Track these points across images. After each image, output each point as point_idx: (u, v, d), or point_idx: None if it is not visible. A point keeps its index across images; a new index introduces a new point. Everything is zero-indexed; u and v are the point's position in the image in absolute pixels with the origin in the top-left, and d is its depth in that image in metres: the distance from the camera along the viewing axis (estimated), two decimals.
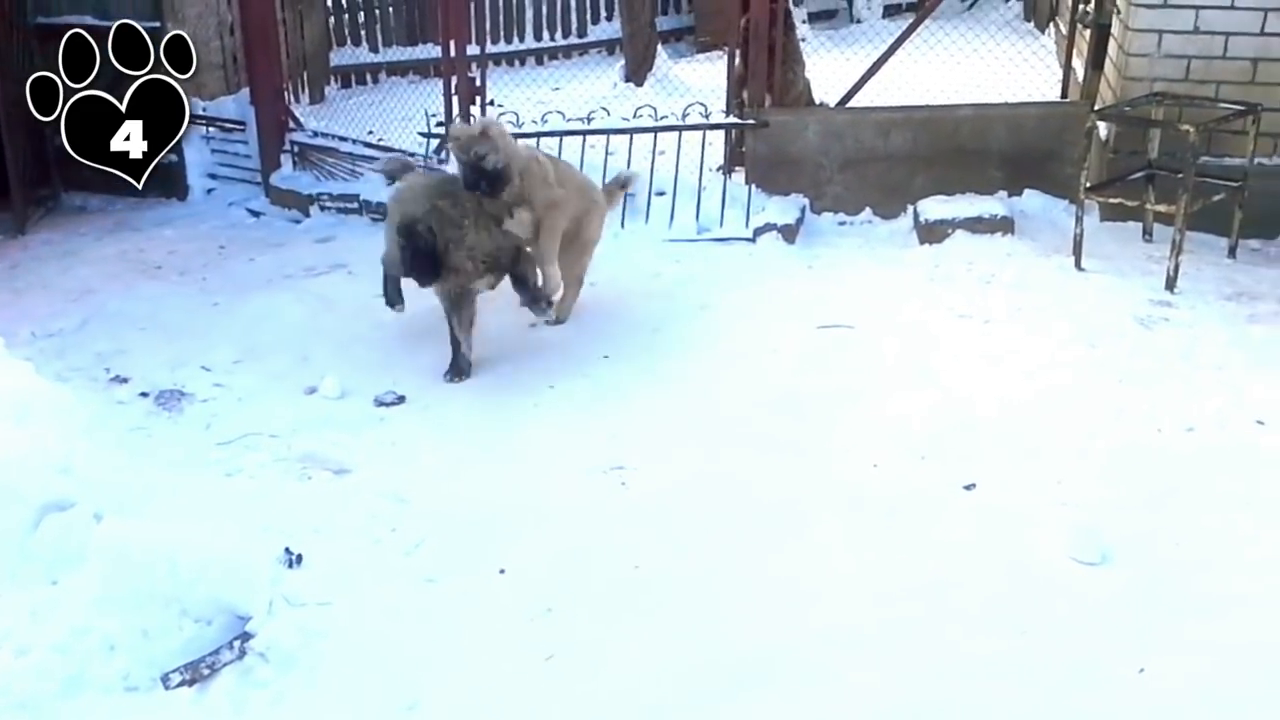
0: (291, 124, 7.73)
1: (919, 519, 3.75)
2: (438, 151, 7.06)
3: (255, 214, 7.55)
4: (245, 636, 3.17)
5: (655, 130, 6.80)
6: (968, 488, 3.92)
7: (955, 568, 3.49)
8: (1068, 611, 3.28)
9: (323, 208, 7.32)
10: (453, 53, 7.05)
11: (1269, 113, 5.82)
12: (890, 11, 12.49)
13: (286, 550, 3.55)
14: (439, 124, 7.10)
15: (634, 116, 6.92)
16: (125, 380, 5.01)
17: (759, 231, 6.40)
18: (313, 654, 3.19)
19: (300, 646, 3.20)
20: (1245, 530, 3.62)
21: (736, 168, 6.94)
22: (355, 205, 7.20)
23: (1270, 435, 4.16)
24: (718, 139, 6.96)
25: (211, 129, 7.94)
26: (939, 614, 3.28)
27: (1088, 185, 5.83)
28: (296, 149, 7.61)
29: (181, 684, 3.05)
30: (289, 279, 6.19)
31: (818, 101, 7.35)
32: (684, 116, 6.82)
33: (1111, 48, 6.51)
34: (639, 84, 10.17)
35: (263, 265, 6.49)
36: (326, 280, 6.16)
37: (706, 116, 6.80)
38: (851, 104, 6.91)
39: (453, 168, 5.27)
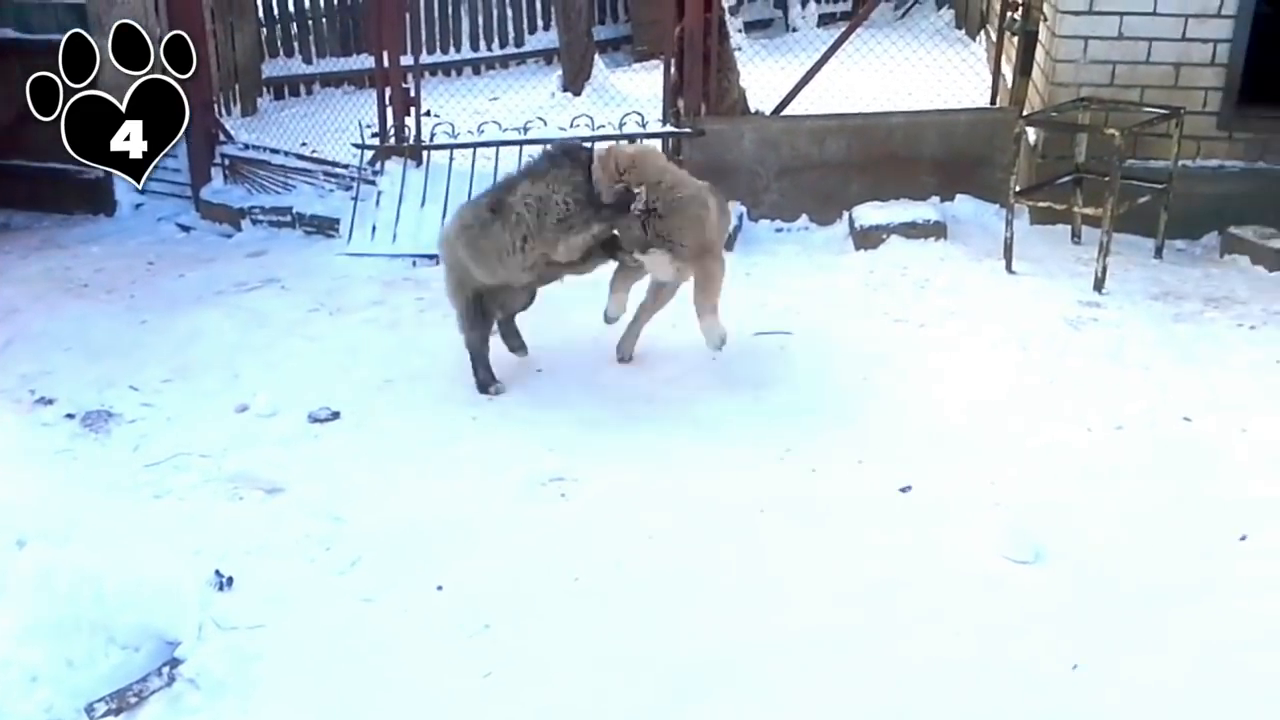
0: (222, 137, 7.61)
1: (857, 523, 3.77)
2: (372, 163, 6.99)
3: (185, 229, 7.42)
4: (174, 662, 3.10)
5: (593, 140, 6.74)
6: (904, 490, 3.95)
7: (893, 570, 3.51)
8: (1003, 611, 3.31)
9: (255, 221, 7.21)
10: (387, 63, 7.00)
11: (1192, 116, 5.98)
12: (825, 20, 12.65)
13: (217, 573, 3.49)
14: (373, 134, 7.03)
15: (571, 126, 6.91)
16: (50, 402, 4.87)
17: None
18: (245, 678, 3.11)
19: (232, 671, 3.12)
20: (1175, 526, 3.69)
21: None
22: (288, 218, 7.11)
23: (1198, 431, 4.26)
24: (655, 148, 6.96)
25: None
26: (879, 618, 3.29)
27: (1017, 189, 5.93)
28: (227, 162, 7.50)
29: (108, 714, 2.96)
30: (220, 295, 6.08)
31: (753, 110, 7.40)
32: (621, 125, 6.83)
33: (1039, 54, 6.63)
34: (576, 93, 10.19)
35: (193, 281, 6.37)
36: (258, 295, 6.06)
37: (643, 125, 6.83)
38: (787, 112, 6.97)
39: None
